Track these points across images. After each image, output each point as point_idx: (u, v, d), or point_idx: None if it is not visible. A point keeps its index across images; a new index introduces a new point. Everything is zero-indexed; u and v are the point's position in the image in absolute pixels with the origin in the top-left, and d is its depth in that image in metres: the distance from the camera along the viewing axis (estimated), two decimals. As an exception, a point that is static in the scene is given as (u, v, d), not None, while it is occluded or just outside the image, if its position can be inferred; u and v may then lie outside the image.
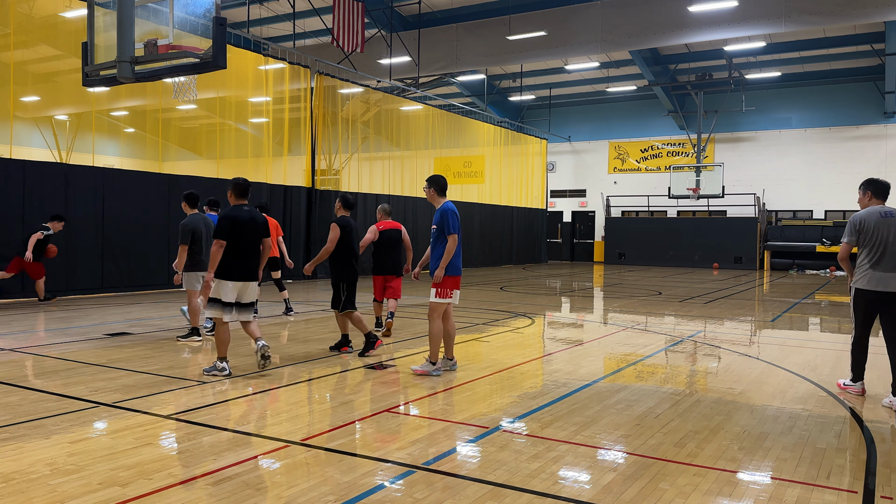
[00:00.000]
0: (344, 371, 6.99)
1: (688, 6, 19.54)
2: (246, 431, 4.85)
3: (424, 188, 7.05)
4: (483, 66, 24.64)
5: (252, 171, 16.98)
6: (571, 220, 33.81)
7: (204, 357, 7.62)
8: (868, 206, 6.22)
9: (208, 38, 6.92)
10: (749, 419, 5.41)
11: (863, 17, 18.60)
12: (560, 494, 3.79)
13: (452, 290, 6.81)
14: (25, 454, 4.26)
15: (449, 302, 6.81)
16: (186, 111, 19.14)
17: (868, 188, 6.28)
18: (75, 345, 8.12)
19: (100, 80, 7.85)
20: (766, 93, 28.92)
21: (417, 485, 3.89)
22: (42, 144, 12.44)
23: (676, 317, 12.15)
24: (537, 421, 5.24)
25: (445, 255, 6.67)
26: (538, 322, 11.22)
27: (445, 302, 6.78)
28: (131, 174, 14.17)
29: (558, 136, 32.99)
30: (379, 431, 4.91)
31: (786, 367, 7.52)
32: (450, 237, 6.68)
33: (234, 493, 3.70)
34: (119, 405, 5.45)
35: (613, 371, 7.44)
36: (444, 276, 6.70)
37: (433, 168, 24.49)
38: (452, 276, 6.79)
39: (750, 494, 3.86)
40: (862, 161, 27.10)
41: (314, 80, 18.58)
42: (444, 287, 6.74)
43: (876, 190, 6.23)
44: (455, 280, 6.82)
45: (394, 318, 9.33)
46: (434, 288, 6.74)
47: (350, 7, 19.27)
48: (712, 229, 28.98)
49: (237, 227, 6.55)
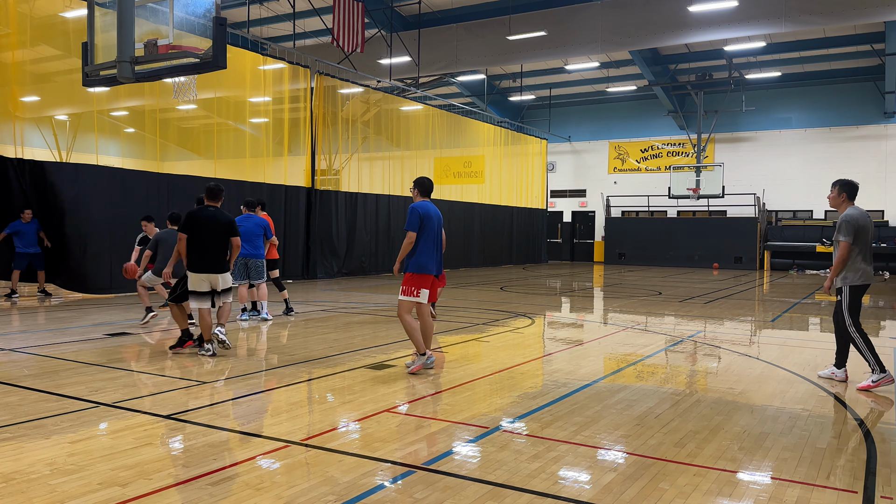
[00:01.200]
0: (344, 371, 6.99)
1: (688, 6, 19.54)
2: (246, 431, 4.85)
3: (410, 189, 7.20)
4: (483, 66, 24.63)
5: (252, 171, 16.98)
6: (571, 220, 33.81)
7: (203, 356, 7.62)
8: (845, 207, 6.59)
9: (208, 38, 6.92)
10: (749, 419, 5.41)
11: (863, 17, 18.60)
12: (560, 494, 3.79)
13: (420, 288, 6.81)
14: (25, 454, 4.26)
15: (416, 300, 6.82)
16: (186, 111, 19.14)
17: (844, 189, 6.63)
18: (75, 345, 8.12)
19: (100, 80, 7.85)
20: (766, 93, 28.92)
21: (417, 485, 3.89)
22: (42, 144, 12.42)
23: (676, 317, 12.15)
24: (537, 421, 5.24)
25: (401, 251, 6.85)
26: (538, 322, 11.22)
27: (410, 300, 6.81)
28: (131, 174, 14.17)
29: (558, 136, 32.99)
30: (379, 431, 4.90)
31: (786, 367, 7.52)
32: (407, 234, 6.80)
33: (234, 493, 3.70)
34: (119, 405, 5.45)
35: (613, 371, 7.44)
36: (412, 275, 6.79)
37: (433, 168, 24.49)
38: (419, 275, 6.80)
39: (750, 494, 3.86)
40: (862, 161, 27.11)
41: (314, 80, 18.57)
42: (408, 285, 6.81)
43: (851, 192, 6.62)
44: (423, 279, 6.82)
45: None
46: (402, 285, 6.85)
47: (350, 7, 19.27)
48: (712, 229, 28.99)
49: (196, 224, 7.46)
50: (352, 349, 8.25)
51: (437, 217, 7.06)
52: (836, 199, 6.67)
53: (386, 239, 21.05)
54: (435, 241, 6.95)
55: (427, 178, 7.19)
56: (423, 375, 6.78)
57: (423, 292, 6.83)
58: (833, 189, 6.72)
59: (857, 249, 6.45)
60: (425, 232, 6.87)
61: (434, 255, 6.93)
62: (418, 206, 6.92)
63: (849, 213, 6.48)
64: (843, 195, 6.62)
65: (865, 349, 6.43)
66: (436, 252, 6.97)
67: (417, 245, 6.86)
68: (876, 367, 6.39)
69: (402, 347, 8.37)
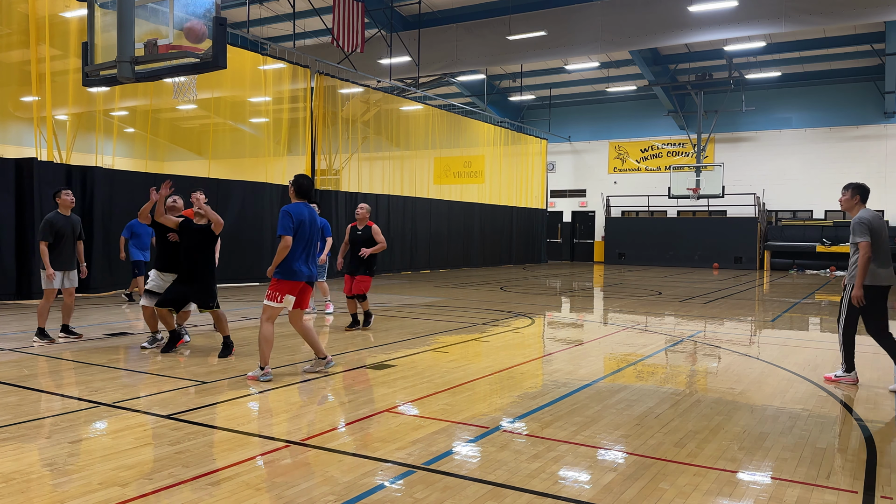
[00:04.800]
0: (344, 371, 6.99)
1: (688, 6, 19.54)
2: (246, 431, 4.85)
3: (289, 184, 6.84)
4: (483, 66, 24.64)
5: (252, 170, 16.99)
6: (571, 220, 33.81)
7: (204, 356, 7.62)
8: (857, 209, 6.64)
9: (208, 39, 6.91)
10: (749, 419, 5.41)
11: (863, 17, 18.60)
12: (560, 494, 3.79)
13: (284, 294, 6.43)
14: (25, 454, 4.26)
15: (278, 306, 6.43)
16: (187, 111, 19.16)
17: (857, 192, 6.69)
18: (75, 345, 8.12)
19: (100, 80, 7.84)
20: (766, 93, 28.92)
21: (417, 485, 3.89)
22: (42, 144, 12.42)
23: (676, 317, 12.15)
24: (537, 421, 5.24)
25: (276, 257, 6.39)
26: (538, 322, 11.22)
27: (273, 305, 6.44)
28: (131, 174, 14.17)
29: (558, 136, 32.99)
30: (379, 431, 4.90)
31: (786, 367, 7.52)
32: (282, 239, 6.35)
33: (234, 493, 3.70)
34: (119, 405, 5.45)
35: (613, 371, 7.44)
36: (278, 281, 6.42)
37: (433, 168, 24.51)
38: (286, 281, 6.41)
39: (750, 494, 3.86)
40: (862, 161, 27.11)
41: (314, 80, 18.57)
42: (273, 290, 6.45)
43: (863, 195, 6.69)
44: (291, 285, 6.43)
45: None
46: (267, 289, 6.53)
47: (350, 7, 19.27)
48: (712, 229, 28.99)
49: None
50: (352, 349, 8.25)
51: (312, 220, 6.59)
52: (850, 201, 6.72)
53: (386, 239, 21.02)
54: (306, 246, 6.51)
55: (305, 177, 6.68)
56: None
57: (287, 298, 6.42)
58: (846, 192, 6.76)
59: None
60: (296, 236, 6.41)
61: (306, 261, 6.53)
62: (290, 209, 6.44)
63: (861, 214, 6.54)
64: (857, 197, 6.67)
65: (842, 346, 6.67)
66: (310, 258, 6.56)
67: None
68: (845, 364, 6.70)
69: (401, 347, 8.37)
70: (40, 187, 12.21)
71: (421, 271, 22.83)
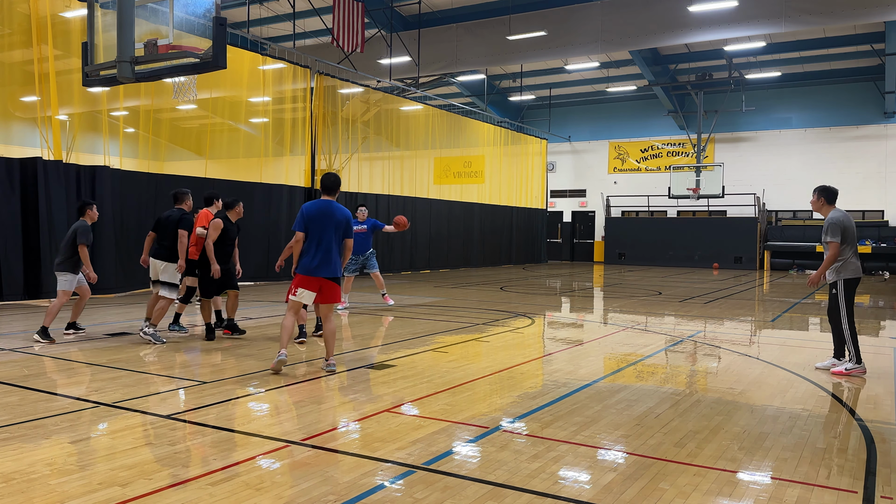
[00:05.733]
0: (344, 371, 7.00)
1: (688, 6, 19.53)
2: (246, 431, 4.85)
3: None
4: (483, 66, 24.63)
5: (251, 171, 16.98)
6: (571, 220, 33.81)
7: (204, 356, 7.62)
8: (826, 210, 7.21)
9: (208, 39, 6.91)
10: (749, 419, 5.41)
11: (863, 17, 18.59)
12: (560, 494, 3.79)
13: (297, 287, 6.73)
14: (25, 454, 4.26)
15: (295, 299, 6.75)
16: (187, 111, 19.14)
17: (823, 195, 7.27)
18: (75, 345, 8.12)
19: (100, 80, 7.85)
20: (766, 93, 28.92)
21: (417, 485, 3.89)
22: (42, 144, 12.42)
23: (676, 317, 12.15)
24: (537, 421, 5.24)
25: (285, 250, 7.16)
26: (538, 322, 11.22)
27: (292, 298, 6.78)
28: (131, 174, 14.16)
29: (558, 136, 32.99)
30: (379, 431, 4.90)
31: (786, 367, 7.53)
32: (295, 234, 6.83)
33: (234, 493, 3.70)
34: (119, 405, 5.45)
35: (613, 371, 7.44)
36: (295, 275, 6.81)
37: (433, 168, 24.50)
38: (298, 275, 6.74)
39: (750, 494, 3.86)
40: (862, 161, 27.12)
41: (314, 80, 18.56)
42: (292, 284, 6.84)
43: (829, 197, 7.24)
44: (300, 279, 6.71)
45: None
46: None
47: (350, 7, 19.27)
48: (712, 229, 28.98)
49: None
50: (351, 349, 8.25)
51: (327, 216, 6.72)
52: (817, 203, 7.32)
53: (386, 239, 21.04)
54: (319, 242, 6.69)
55: (326, 175, 6.92)
56: (417, 377, 6.77)
57: (300, 292, 6.72)
58: (814, 195, 7.38)
59: (847, 248, 7.06)
60: (310, 232, 6.71)
61: (315, 256, 6.68)
62: (305, 206, 6.85)
63: (833, 215, 7.12)
64: (822, 199, 7.26)
65: (850, 340, 7.08)
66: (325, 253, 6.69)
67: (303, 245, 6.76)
68: (854, 356, 7.07)
69: (401, 347, 8.38)
70: (46, 187, 12.21)
71: (421, 271, 22.83)
